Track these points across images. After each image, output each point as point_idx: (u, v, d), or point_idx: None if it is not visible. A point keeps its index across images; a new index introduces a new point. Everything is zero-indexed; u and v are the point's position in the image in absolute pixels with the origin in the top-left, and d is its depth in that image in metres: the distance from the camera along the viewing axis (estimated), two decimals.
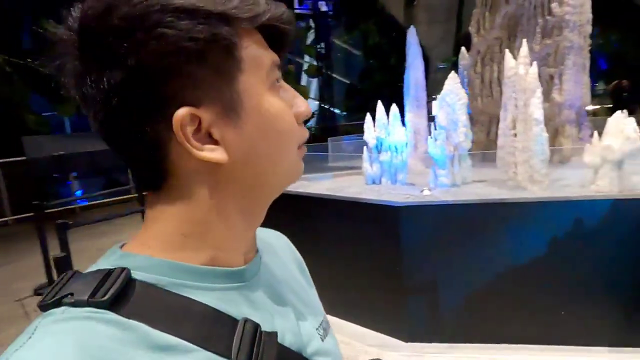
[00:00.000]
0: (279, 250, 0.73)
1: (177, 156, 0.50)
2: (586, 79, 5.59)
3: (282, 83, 0.56)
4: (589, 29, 5.38)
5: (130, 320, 0.44)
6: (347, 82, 21.34)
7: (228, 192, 0.53)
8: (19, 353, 0.39)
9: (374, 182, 4.93)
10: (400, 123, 4.83)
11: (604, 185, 3.79)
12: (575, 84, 5.29)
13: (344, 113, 21.40)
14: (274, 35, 0.55)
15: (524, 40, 4.31)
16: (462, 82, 5.29)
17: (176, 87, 0.47)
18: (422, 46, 6.13)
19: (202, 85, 0.48)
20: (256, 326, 0.51)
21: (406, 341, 3.72)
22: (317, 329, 0.63)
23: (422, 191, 4.19)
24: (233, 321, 0.50)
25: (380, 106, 4.89)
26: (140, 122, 0.48)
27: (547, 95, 5.36)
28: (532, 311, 3.54)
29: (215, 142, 0.50)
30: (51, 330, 0.41)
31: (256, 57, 0.51)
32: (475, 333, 3.60)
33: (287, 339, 0.56)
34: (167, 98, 0.47)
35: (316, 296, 0.76)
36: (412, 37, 6.08)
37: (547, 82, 5.35)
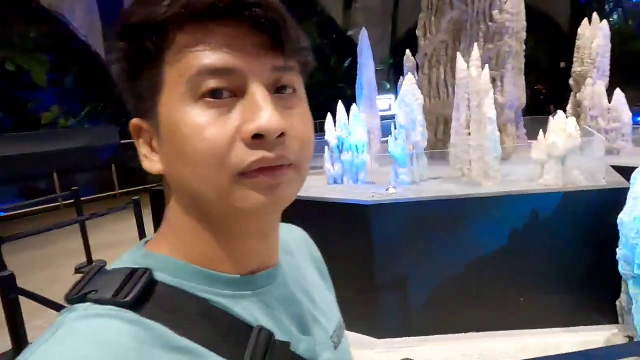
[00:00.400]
0: (295, 250, 0.70)
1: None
2: (522, 81, 6.07)
3: (254, 91, 0.46)
4: (524, 35, 5.85)
5: (151, 321, 0.45)
6: None
7: (183, 203, 0.53)
8: (44, 349, 0.40)
9: (335, 182, 4.95)
10: (361, 123, 4.89)
11: (550, 179, 4.13)
12: (514, 86, 5.72)
13: None
14: (263, 29, 0.46)
15: (475, 44, 4.58)
16: None
17: (130, 96, 0.51)
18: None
19: (140, 98, 0.50)
20: (270, 335, 0.51)
21: (380, 338, 3.78)
22: (331, 337, 0.63)
23: (387, 189, 4.28)
24: (248, 328, 0.50)
25: (340, 106, 4.92)
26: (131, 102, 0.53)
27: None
28: (495, 300, 3.77)
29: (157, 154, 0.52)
30: (75, 327, 0.42)
31: (179, 65, 0.45)
32: (445, 325, 3.75)
33: (300, 348, 0.55)
34: (133, 109, 0.52)
35: (333, 298, 0.74)
36: (364, 39, 6.21)
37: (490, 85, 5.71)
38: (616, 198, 3.49)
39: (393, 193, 4.19)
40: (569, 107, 6.49)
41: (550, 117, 4.79)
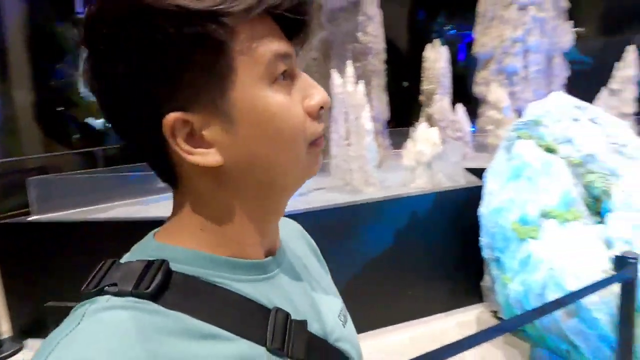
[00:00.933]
0: (294, 238, 0.74)
1: (177, 159, 0.50)
2: (385, 97, 6.74)
3: (298, 73, 0.53)
4: (384, 55, 6.52)
5: (173, 311, 0.45)
6: None
7: (234, 192, 0.52)
8: (67, 340, 0.40)
9: None
10: None
11: (421, 183, 4.66)
12: (380, 102, 6.31)
13: None
14: (286, 23, 0.51)
15: (349, 62, 4.92)
16: None
17: (165, 90, 0.46)
18: None
19: (192, 88, 0.47)
20: (287, 315, 0.53)
21: None
22: (338, 315, 0.66)
23: None
24: (266, 311, 0.52)
25: None
26: (138, 123, 0.49)
27: None
28: (388, 296, 4.06)
29: (209, 145, 0.49)
30: (98, 318, 0.42)
31: (253, 52, 0.48)
32: None
33: (313, 327, 0.58)
34: (158, 102, 0.47)
35: (332, 283, 0.77)
36: None
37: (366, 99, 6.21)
38: (474, 194, 4.08)
39: None
40: (421, 119, 7.41)
41: (411, 128, 5.43)
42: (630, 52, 5.83)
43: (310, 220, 4.01)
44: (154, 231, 0.56)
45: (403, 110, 8.57)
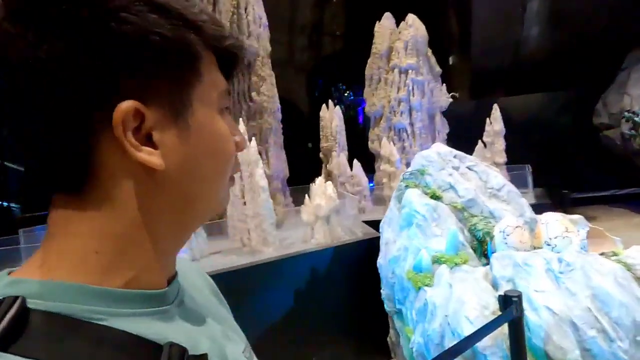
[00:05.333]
0: (192, 272, 0.67)
1: (107, 153, 0.44)
2: (283, 155, 6.74)
3: (226, 113, 0.55)
4: (279, 115, 6.60)
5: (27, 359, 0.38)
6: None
7: (157, 204, 0.48)
8: None
9: None
10: None
11: (320, 238, 4.54)
12: (278, 159, 6.28)
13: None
14: (224, 65, 0.54)
15: (240, 119, 4.83)
16: None
17: (127, 77, 0.44)
18: None
19: (156, 84, 0.45)
20: (184, 350, 0.47)
21: None
22: (243, 352, 0.61)
23: None
24: (157, 348, 0.45)
25: None
26: (72, 104, 0.42)
27: None
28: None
29: (154, 146, 0.45)
30: None
31: (214, 77, 0.51)
32: None
33: None
34: (114, 86, 0.43)
35: (234, 322, 0.72)
36: None
37: (259, 156, 6.12)
38: (373, 246, 4.06)
39: None
40: (322, 176, 7.52)
41: (312, 184, 5.42)
42: (496, 109, 6.64)
43: None
44: (7, 270, 0.47)
45: (307, 168, 8.68)
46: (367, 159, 7.12)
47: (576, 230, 3.30)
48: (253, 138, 4.66)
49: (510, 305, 2.21)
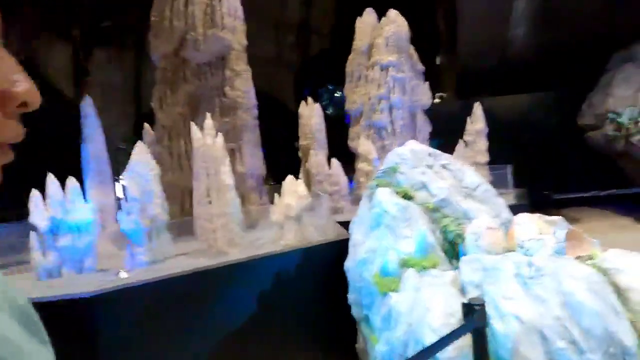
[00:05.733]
0: None
1: None
2: (260, 153, 6.51)
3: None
4: (256, 111, 6.36)
5: None
6: None
7: None
8: None
9: (51, 276, 3.87)
10: (82, 199, 4.08)
11: (290, 239, 4.32)
12: (253, 157, 6.04)
13: None
14: None
15: (208, 114, 4.60)
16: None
17: None
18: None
19: None
20: None
21: None
22: None
23: (117, 274, 3.57)
24: None
25: (52, 180, 4.00)
26: None
27: (232, 167, 5.86)
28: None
29: None
30: None
31: None
32: None
33: None
34: None
35: (41, 350, 0.59)
36: (89, 108, 5.50)
37: (230, 156, 5.87)
38: (345, 248, 3.85)
39: (125, 278, 3.51)
40: (300, 175, 7.30)
41: (284, 182, 5.19)
42: (477, 107, 6.49)
43: (164, 289, 3.40)
44: None
45: (294, 166, 8.48)
46: (351, 159, 6.95)
47: (552, 232, 3.13)
48: (220, 134, 4.43)
49: (473, 315, 2.02)
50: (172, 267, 3.93)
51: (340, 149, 7.56)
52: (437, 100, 14.54)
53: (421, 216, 3.35)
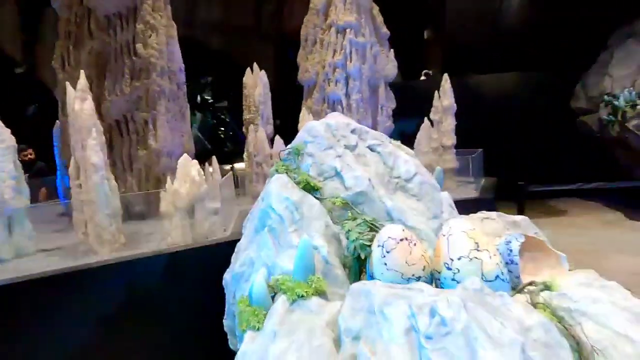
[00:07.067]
0: None
1: None
2: (187, 127, 5.50)
3: None
4: (182, 77, 5.33)
5: None
6: None
7: None
8: None
9: None
10: None
11: (176, 237, 3.37)
12: (173, 131, 5.03)
13: None
14: None
15: (82, 72, 3.58)
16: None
17: None
18: None
19: None
20: None
21: None
22: None
23: None
24: None
25: None
26: None
27: (144, 142, 4.87)
28: None
29: None
30: None
31: None
32: None
33: None
34: None
35: None
36: None
37: (143, 128, 4.87)
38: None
39: None
40: (245, 155, 6.31)
41: (206, 164, 4.22)
42: (445, 81, 5.49)
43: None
44: None
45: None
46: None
47: (495, 245, 2.20)
48: (89, 97, 3.42)
49: None
50: (18, 270, 3.00)
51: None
52: (422, 78, 13.50)
53: (321, 216, 2.40)
